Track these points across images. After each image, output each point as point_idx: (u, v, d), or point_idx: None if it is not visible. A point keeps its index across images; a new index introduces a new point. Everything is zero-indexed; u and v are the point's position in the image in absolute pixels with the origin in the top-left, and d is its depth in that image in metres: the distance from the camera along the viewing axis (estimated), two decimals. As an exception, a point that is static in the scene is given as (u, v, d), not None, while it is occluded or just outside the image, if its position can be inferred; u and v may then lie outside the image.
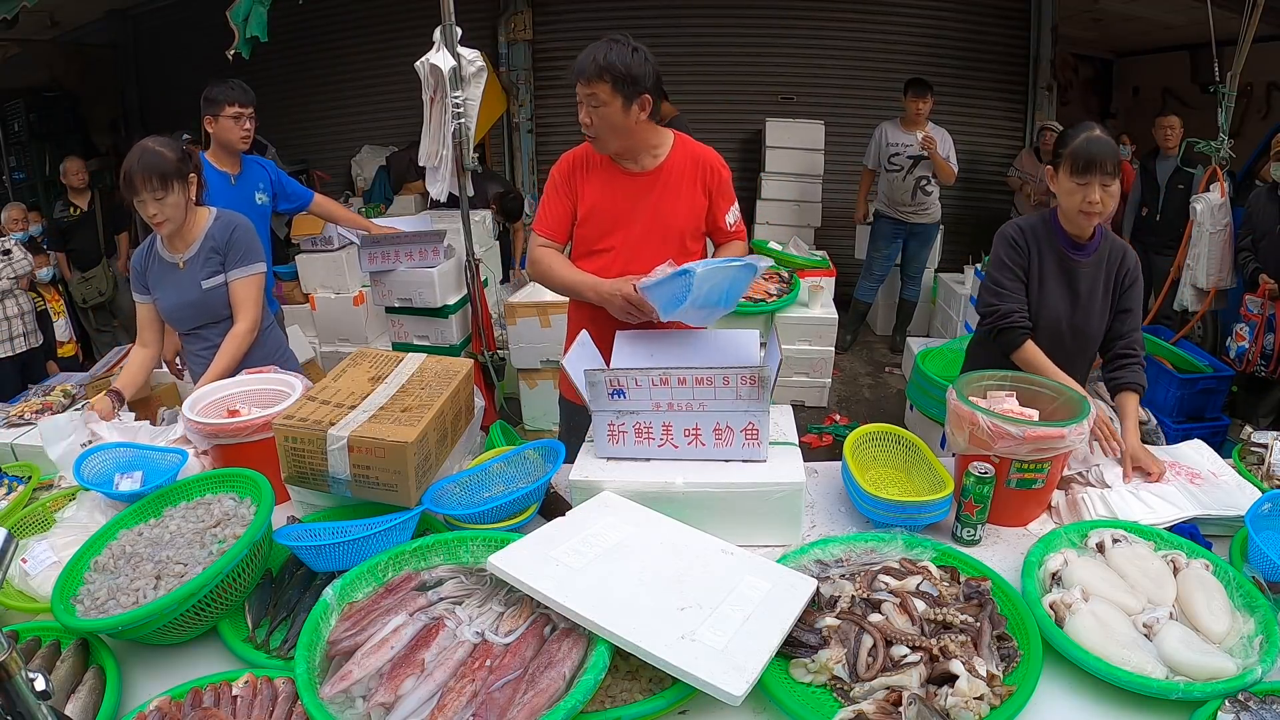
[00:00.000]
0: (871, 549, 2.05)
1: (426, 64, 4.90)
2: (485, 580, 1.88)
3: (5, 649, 1.05)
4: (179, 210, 3.04)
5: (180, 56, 10.23)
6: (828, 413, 6.27)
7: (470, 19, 5.26)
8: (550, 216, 2.95)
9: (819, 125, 8.04)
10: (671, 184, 2.91)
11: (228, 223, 3.18)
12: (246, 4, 5.28)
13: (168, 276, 3.22)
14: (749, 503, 2.17)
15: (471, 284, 5.43)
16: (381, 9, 9.32)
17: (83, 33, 10.63)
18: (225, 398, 2.89)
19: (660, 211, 2.91)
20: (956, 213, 8.56)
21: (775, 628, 1.70)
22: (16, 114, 10.80)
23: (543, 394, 5.61)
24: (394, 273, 5.32)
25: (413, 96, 5.44)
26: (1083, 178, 2.63)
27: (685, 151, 2.92)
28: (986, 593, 1.85)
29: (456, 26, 4.83)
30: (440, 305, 5.41)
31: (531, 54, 9.00)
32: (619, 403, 2.25)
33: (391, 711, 1.56)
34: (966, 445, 2.24)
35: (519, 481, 2.45)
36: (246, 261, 3.17)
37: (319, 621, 1.78)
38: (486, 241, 6.77)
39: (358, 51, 9.64)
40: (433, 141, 5.18)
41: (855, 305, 7.52)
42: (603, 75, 2.62)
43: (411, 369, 2.61)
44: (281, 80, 9.05)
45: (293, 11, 5.67)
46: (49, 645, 1.96)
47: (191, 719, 1.65)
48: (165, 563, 2.02)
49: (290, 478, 2.34)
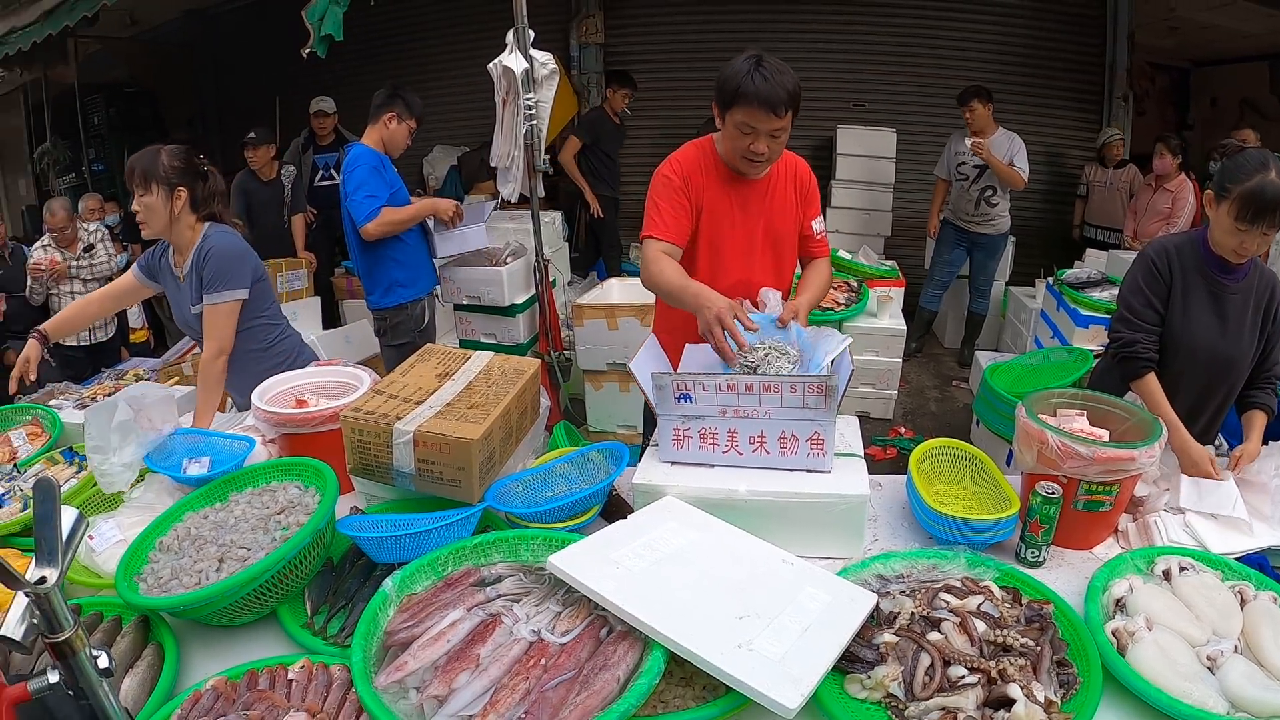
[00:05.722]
0: (933, 566, 2.05)
1: (499, 66, 5.00)
2: (544, 579, 1.92)
3: (71, 626, 1.10)
4: (155, 215, 3.12)
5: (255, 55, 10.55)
6: (893, 425, 6.24)
7: (542, 22, 5.36)
8: (670, 220, 2.86)
9: (890, 133, 8.03)
10: (777, 191, 2.94)
11: (203, 246, 3.20)
12: (323, 4, 5.46)
13: (172, 288, 3.36)
14: (812, 513, 2.19)
15: (540, 284, 5.52)
16: (454, 10, 9.53)
17: (160, 31, 11.13)
18: (294, 388, 3.01)
19: (771, 220, 2.94)
20: (1029, 224, 8.44)
21: (833, 641, 1.71)
22: (96, 108, 11.35)
23: (608, 396, 5.66)
24: (463, 270, 5.43)
25: (484, 97, 5.55)
26: (1247, 225, 2.55)
27: (781, 158, 2.93)
28: (1048, 616, 1.85)
29: (529, 29, 4.92)
30: (508, 304, 5.52)
31: (603, 57, 9.12)
32: (685, 407, 2.29)
33: (444, 704, 1.60)
34: (1034, 464, 2.23)
35: (582, 482, 2.50)
36: (216, 287, 3.19)
37: (377, 611, 1.84)
38: (555, 242, 6.86)
39: (430, 52, 9.88)
40: (505, 142, 5.28)
41: (920, 313, 7.46)
42: (791, 105, 2.62)
43: (479, 367, 2.68)
44: (354, 79, 9.22)
45: (366, 12, 5.81)
46: (110, 620, 2.07)
47: (247, 699, 1.72)
48: (229, 546, 2.12)
49: (355, 469, 2.43)
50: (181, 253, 3.25)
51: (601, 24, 8.95)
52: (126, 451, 2.65)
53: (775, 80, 2.58)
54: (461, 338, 5.84)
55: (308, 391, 3.02)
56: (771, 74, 2.58)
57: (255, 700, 1.71)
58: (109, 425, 2.63)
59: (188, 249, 3.21)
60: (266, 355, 3.40)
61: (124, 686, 1.80)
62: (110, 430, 2.63)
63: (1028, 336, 6.77)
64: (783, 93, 2.58)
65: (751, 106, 2.60)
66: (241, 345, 3.29)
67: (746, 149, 2.71)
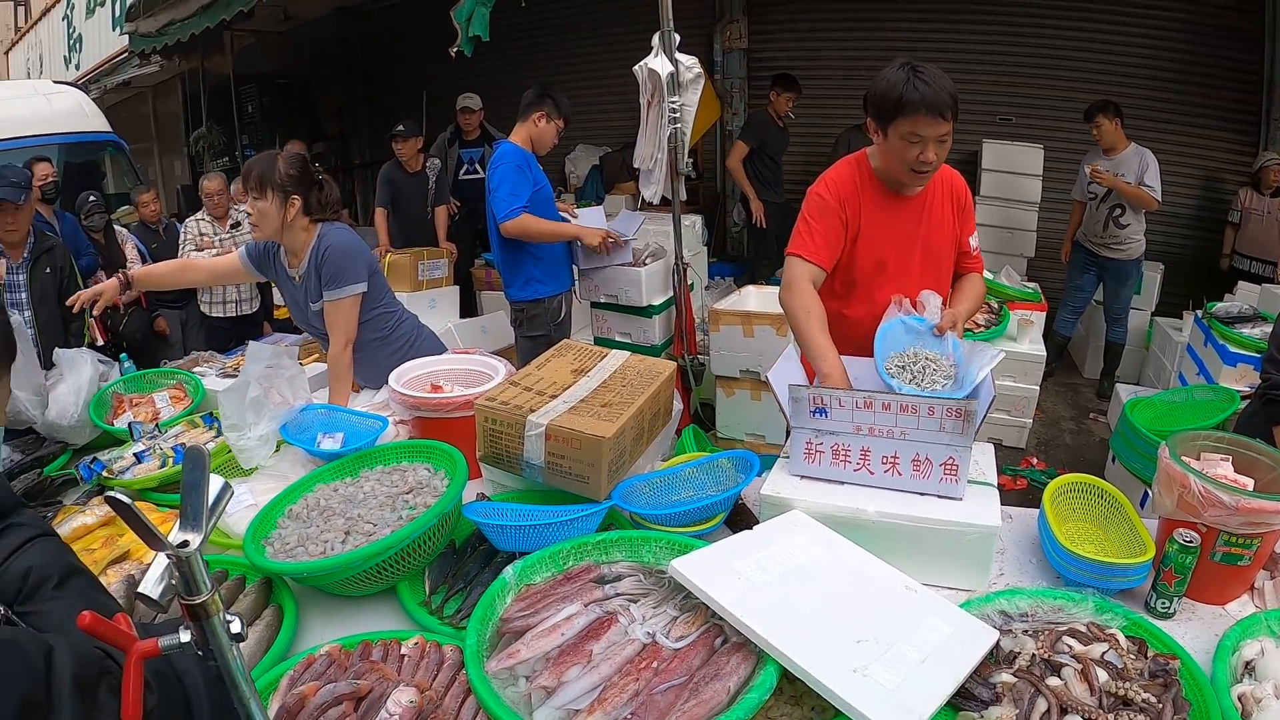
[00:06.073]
0: (1059, 608, 1.96)
1: (645, 68, 5.03)
2: (663, 582, 1.91)
3: (208, 590, 1.12)
4: (268, 220, 3.19)
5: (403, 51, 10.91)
6: (1025, 454, 6.07)
7: (687, 26, 5.34)
8: (821, 240, 2.80)
9: (1038, 149, 7.72)
10: (935, 206, 2.88)
11: (321, 244, 3.27)
12: (470, 4, 5.58)
13: (288, 289, 3.45)
14: (939, 540, 2.12)
15: (678, 286, 5.52)
16: (599, 13, 9.67)
17: (314, 27, 11.65)
18: (430, 373, 3.08)
19: (930, 236, 2.88)
20: (1179, 251, 8.04)
21: (950, 675, 1.65)
22: (250, 97, 12.10)
23: (739, 403, 5.61)
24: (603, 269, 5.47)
25: (627, 99, 5.59)
26: None
27: (937, 172, 2.87)
28: (1174, 673, 1.74)
29: (675, 33, 4.93)
30: (646, 305, 5.54)
31: (746, 63, 9.09)
32: (820, 421, 2.25)
33: (552, 696, 1.60)
34: (1174, 509, 2.10)
35: (709, 488, 2.48)
36: (336, 283, 3.25)
37: (495, 598, 1.86)
38: (695, 246, 6.85)
39: (576, 53, 10.04)
40: (648, 145, 5.31)
41: (1053, 337, 7.14)
42: (954, 107, 2.57)
43: (614, 365, 2.68)
44: (500, 76, 9.42)
45: (513, 11, 5.91)
46: (234, 579, 2.15)
47: (358, 669, 1.76)
48: (356, 520, 2.17)
49: (485, 457, 2.47)
50: (296, 255, 3.33)
51: (745, 29, 8.95)
52: (261, 426, 2.74)
53: (936, 84, 2.53)
54: (597, 335, 5.89)
55: (443, 378, 3.08)
56: (931, 79, 2.53)
57: (367, 670, 1.74)
58: (243, 403, 2.73)
59: (302, 251, 3.29)
60: (387, 343, 3.49)
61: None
62: (245, 408, 2.73)
63: (1171, 371, 6.44)
64: (946, 96, 2.53)
65: (917, 114, 2.54)
66: (362, 336, 3.37)
67: (915, 159, 2.63)
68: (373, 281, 3.36)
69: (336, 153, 12.82)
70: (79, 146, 8.79)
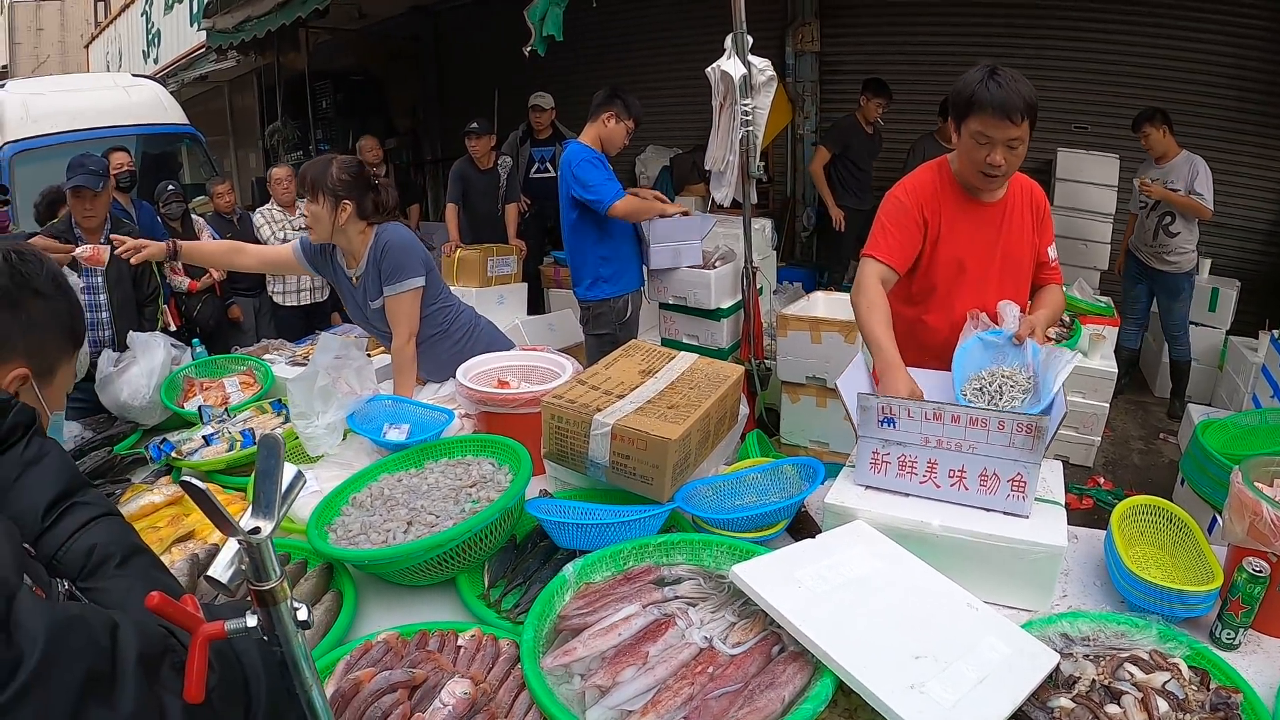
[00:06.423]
0: (1122, 633, 1.92)
1: (718, 70, 5.01)
2: (723, 587, 1.91)
3: (277, 576, 1.13)
4: (320, 223, 3.21)
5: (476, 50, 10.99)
6: (1092, 473, 5.95)
7: (758, 28, 5.30)
8: (895, 242, 2.82)
9: (1113, 159, 7.51)
10: (1014, 215, 2.86)
11: (379, 241, 3.30)
12: (544, 3, 5.61)
13: (346, 290, 3.49)
14: (1003, 558, 2.08)
15: (747, 290, 5.50)
16: (672, 14, 9.66)
17: (387, 25, 11.94)
18: (497, 369, 3.11)
19: (1009, 245, 2.86)
20: (1255, 268, 7.75)
21: (1007, 698, 1.62)
22: (325, 93, 12.31)
23: (804, 409, 5.58)
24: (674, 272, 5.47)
25: (698, 100, 5.59)
26: None
27: (1018, 181, 2.86)
28: (1235, 707, 1.69)
29: (748, 35, 4.92)
30: (714, 308, 5.53)
31: (819, 66, 9.01)
32: (887, 431, 2.22)
33: (606, 695, 1.60)
34: (1244, 536, 2.05)
35: (773, 495, 2.47)
36: (396, 278, 3.28)
37: (554, 595, 1.87)
38: (764, 250, 6.83)
39: (647, 53, 10.03)
40: (720, 147, 5.29)
41: (1119, 350, 7.02)
42: (1027, 112, 2.55)
43: (682, 367, 2.68)
44: (572, 76, 9.47)
45: (586, 12, 5.94)
46: (296, 563, 2.19)
47: (415, 658, 1.77)
48: (419, 511, 2.20)
49: (550, 454, 2.48)
50: (353, 256, 3.36)
51: (817, 32, 8.86)
52: (329, 415, 2.78)
53: (1010, 87, 2.51)
54: (664, 336, 5.89)
55: (510, 374, 3.10)
56: (1006, 82, 2.52)
57: (423, 660, 1.76)
58: (312, 392, 2.77)
59: (360, 252, 3.32)
60: (446, 336, 3.51)
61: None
62: (313, 396, 2.77)
63: (1245, 393, 6.24)
64: (1018, 99, 2.51)
65: (986, 114, 2.54)
66: (422, 331, 3.40)
67: (983, 161, 2.62)
68: (429, 277, 3.39)
69: (409, 149, 12.99)
70: (156, 138, 8.99)
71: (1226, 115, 7.36)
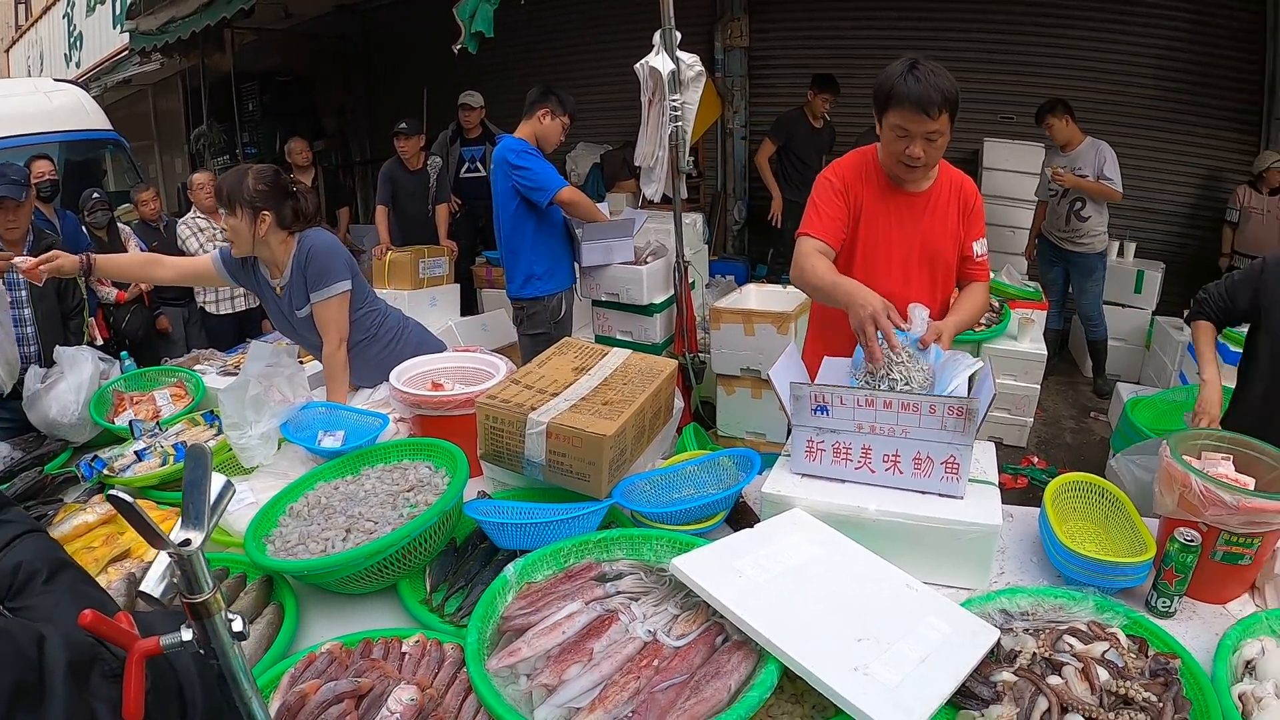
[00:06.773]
0: (1060, 606, 1.97)
1: (646, 66, 5.06)
2: (664, 580, 1.92)
3: (210, 588, 1.13)
4: (240, 237, 3.18)
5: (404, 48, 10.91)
6: (1025, 453, 6.09)
7: (687, 24, 5.35)
8: (827, 220, 2.87)
9: (1038, 149, 7.67)
10: (939, 207, 2.91)
11: (303, 248, 3.26)
12: (474, 1, 5.59)
13: (270, 300, 3.45)
14: (940, 539, 2.12)
15: (679, 285, 5.56)
16: (600, 11, 9.70)
17: (314, 24, 11.83)
18: (431, 371, 3.09)
19: (929, 235, 2.91)
20: (1179, 251, 8.10)
21: (950, 674, 1.65)
22: (252, 95, 12.16)
23: (739, 401, 5.63)
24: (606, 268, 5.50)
25: (628, 97, 5.61)
26: None
27: (948, 175, 2.92)
28: (1174, 672, 1.74)
29: (676, 31, 4.96)
30: (647, 303, 5.57)
31: (748, 61, 9.12)
32: (821, 419, 2.25)
33: (553, 694, 1.61)
34: (1174, 508, 2.11)
35: (710, 487, 2.49)
36: (323, 283, 3.25)
37: (496, 596, 1.87)
38: (696, 244, 6.88)
39: (577, 50, 10.08)
40: (649, 143, 5.34)
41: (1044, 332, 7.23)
42: (946, 106, 2.59)
43: (615, 364, 2.69)
44: (501, 74, 9.48)
45: (514, 9, 5.93)
46: (235, 577, 2.16)
47: (360, 667, 1.76)
48: (357, 518, 2.18)
49: (486, 455, 2.48)
50: (277, 266, 3.31)
51: (747, 28, 8.97)
52: (262, 424, 2.75)
53: (928, 82, 2.55)
54: (598, 333, 5.92)
55: (444, 375, 3.09)
56: (925, 76, 2.56)
57: (368, 668, 1.75)
58: (244, 402, 2.74)
59: (283, 261, 3.28)
60: (375, 340, 3.49)
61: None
62: (245, 406, 2.74)
63: (1172, 371, 6.45)
64: (936, 94, 2.55)
65: (904, 108, 2.58)
66: (351, 337, 3.38)
67: (902, 153, 2.68)
68: (354, 282, 3.37)
69: (337, 150, 12.86)
70: (79, 144, 8.84)
71: (1151, 104, 7.60)
